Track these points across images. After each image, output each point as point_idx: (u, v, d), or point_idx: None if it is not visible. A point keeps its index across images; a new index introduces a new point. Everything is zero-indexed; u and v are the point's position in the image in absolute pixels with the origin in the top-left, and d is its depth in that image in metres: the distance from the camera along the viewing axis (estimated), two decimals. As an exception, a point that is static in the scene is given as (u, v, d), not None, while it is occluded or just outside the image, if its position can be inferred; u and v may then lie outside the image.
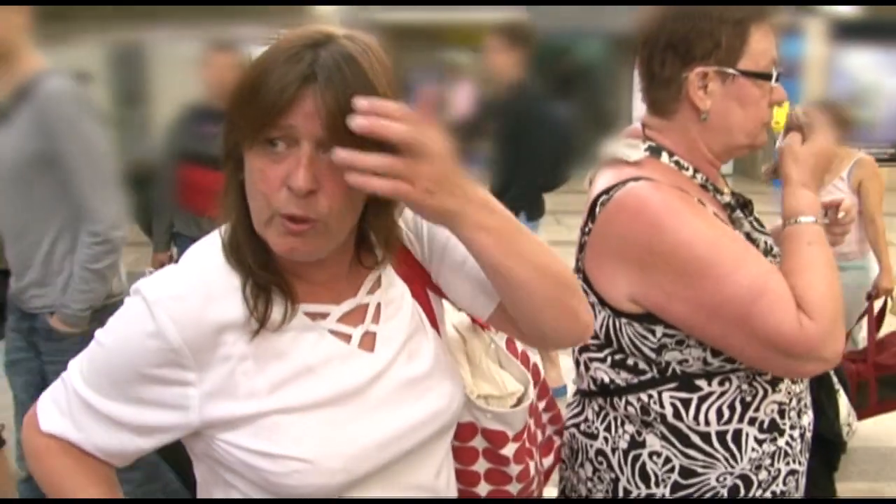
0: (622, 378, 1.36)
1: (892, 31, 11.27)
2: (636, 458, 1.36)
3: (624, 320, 1.32)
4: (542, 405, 1.32)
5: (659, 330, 1.30)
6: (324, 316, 1.02)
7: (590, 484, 1.42)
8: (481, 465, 1.20)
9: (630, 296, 1.30)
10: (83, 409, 1.02)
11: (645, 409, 1.35)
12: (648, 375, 1.34)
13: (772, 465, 1.36)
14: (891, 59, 11.79)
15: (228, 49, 3.64)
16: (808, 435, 1.43)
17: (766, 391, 1.34)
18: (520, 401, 1.25)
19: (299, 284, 1.00)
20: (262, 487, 1.00)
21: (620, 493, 1.37)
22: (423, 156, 0.84)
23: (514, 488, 1.22)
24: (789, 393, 1.38)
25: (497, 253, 0.94)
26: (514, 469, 1.20)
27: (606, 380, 1.38)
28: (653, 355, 1.32)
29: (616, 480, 1.37)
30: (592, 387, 1.41)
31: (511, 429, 1.20)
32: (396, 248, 1.08)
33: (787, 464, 1.38)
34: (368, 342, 1.04)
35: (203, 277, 0.98)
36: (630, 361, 1.35)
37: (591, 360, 1.40)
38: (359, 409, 1.01)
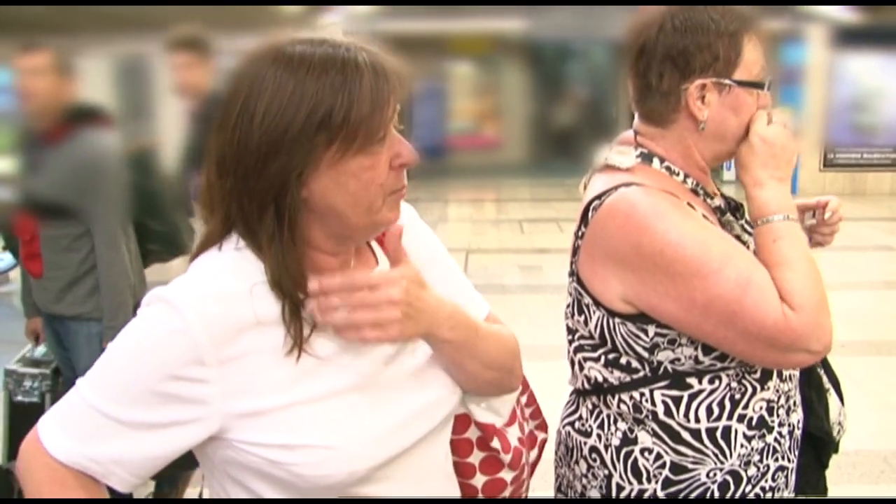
0: (615, 377, 1.39)
1: (893, 37, 11.29)
2: (628, 454, 1.39)
3: (617, 320, 1.35)
4: (523, 399, 1.36)
5: (651, 329, 1.33)
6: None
7: (584, 480, 1.45)
8: (476, 457, 1.24)
9: (623, 296, 1.33)
10: (99, 422, 1.00)
11: (637, 407, 1.38)
12: (641, 374, 1.37)
13: (761, 461, 1.39)
14: (892, 64, 11.81)
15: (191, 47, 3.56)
16: (798, 432, 1.46)
17: (754, 389, 1.37)
18: None
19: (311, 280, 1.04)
20: (288, 485, 1.02)
21: (613, 489, 1.40)
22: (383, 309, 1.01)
23: (507, 475, 1.25)
24: (778, 391, 1.41)
25: (456, 356, 1.12)
26: (506, 457, 1.24)
27: (600, 378, 1.41)
28: (646, 354, 1.35)
29: (609, 477, 1.40)
30: (586, 385, 1.45)
31: (501, 418, 1.25)
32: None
33: (776, 460, 1.41)
34: None
35: (219, 279, 1.02)
36: (623, 360, 1.38)
37: (586, 359, 1.43)
38: (375, 396, 1.06)
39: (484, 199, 12.46)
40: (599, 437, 1.43)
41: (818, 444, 1.54)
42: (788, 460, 1.44)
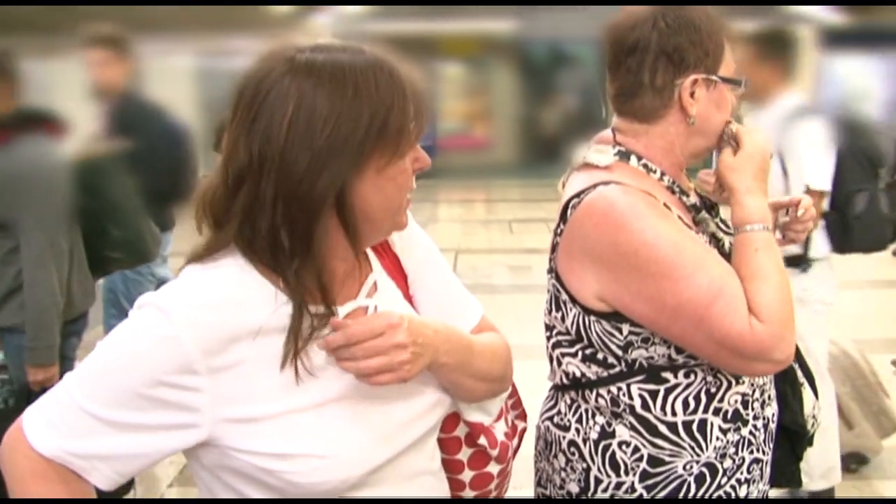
0: (593, 371, 1.42)
1: (880, 38, 11.38)
2: (606, 447, 1.41)
3: (593, 318, 1.38)
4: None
5: (625, 328, 1.36)
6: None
7: (563, 474, 1.47)
8: (464, 454, 1.25)
9: (598, 294, 1.36)
10: (84, 420, 0.99)
11: (615, 401, 1.40)
12: (617, 369, 1.39)
13: (736, 453, 1.42)
14: (879, 65, 11.91)
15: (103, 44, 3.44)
16: (773, 426, 1.49)
17: (729, 383, 1.40)
18: None
19: (307, 290, 1.03)
20: (280, 491, 1.03)
21: (592, 483, 1.42)
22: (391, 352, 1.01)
23: (494, 468, 1.27)
24: (752, 384, 1.44)
25: (452, 375, 1.13)
26: (493, 452, 1.26)
27: (578, 373, 1.44)
28: (620, 352, 1.38)
29: (587, 470, 1.43)
30: (565, 381, 1.47)
31: (490, 416, 1.26)
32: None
33: (752, 452, 1.44)
34: None
35: (215, 288, 1.02)
36: (600, 356, 1.40)
37: (564, 355, 1.46)
38: (366, 404, 1.06)
39: (473, 199, 12.49)
40: (578, 431, 1.44)
41: (793, 437, 1.56)
42: (763, 452, 1.46)
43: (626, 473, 1.40)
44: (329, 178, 0.97)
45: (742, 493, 1.43)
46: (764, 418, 1.46)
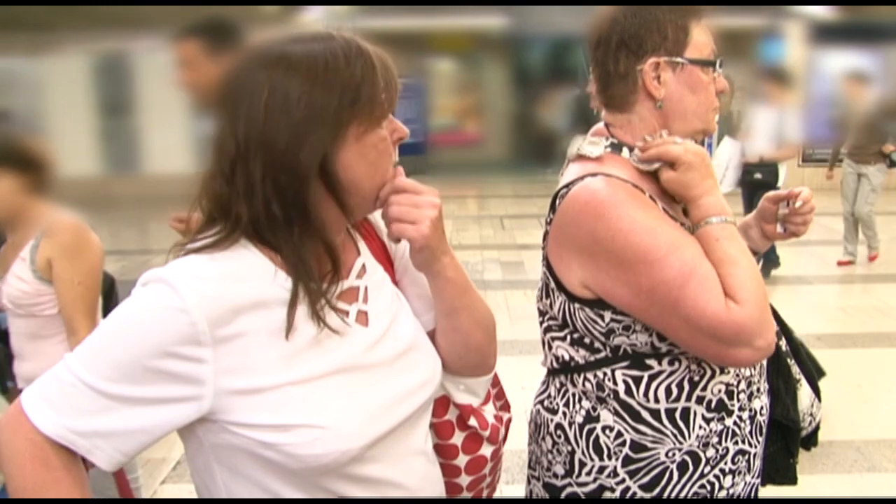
0: (581, 355, 1.45)
1: (870, 33, 11.40)
2: (590, 431, 1.45)
3: (577, 305, 1.42)
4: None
5: (607, 315, 1.39)
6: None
7: (550, 456, 1.50)
8: (458, 437, 1.29)
9: (582, 281, 1.39)
10: (87, 396, 1.01)
11: (600, 386, 1.43)
12: (603, 354, 1.43)
13: (719, 443, 1.43)
14: (869, 60, 11.93)
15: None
16: (762, 418, 1.50)
17: (713, 372, 1.42)
18: None
19: (306, 264, 1.09)
20: (280, 467, 1.05)
21: (576, 465, 1.45)
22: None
23: (487, 450, 1.32)
24: (738, 375, 1.45)
25: (454, 300, 1.22)
26: (485, 433, 1.31)
27: (567, 357, 1.48)
28: (603, 339, 1.41)
29: (572, 453, 1.46)
30: (555, 364, 1.51)
31: (478, 398, 1.31)
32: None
33: (736, 443, 1.45)
34: (362, 319, 1.16)
35: (217, 262, 1.06)
36: (587, 340, 1.44)
37: (554, 339, 1.50)
38: (363, 378, 1.11)
39: (465, 195, 12.50)
40: (565, 414, 1.48)
41: (787, 432, 1.57)
42: (750, 444, 1.48)
43: (609, 458, 1.42)
44: (311, 149, 1.04)
45: (726, 483, 1.45)
46: (751, 410, 1.47)
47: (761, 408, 1.50)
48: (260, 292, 1.05)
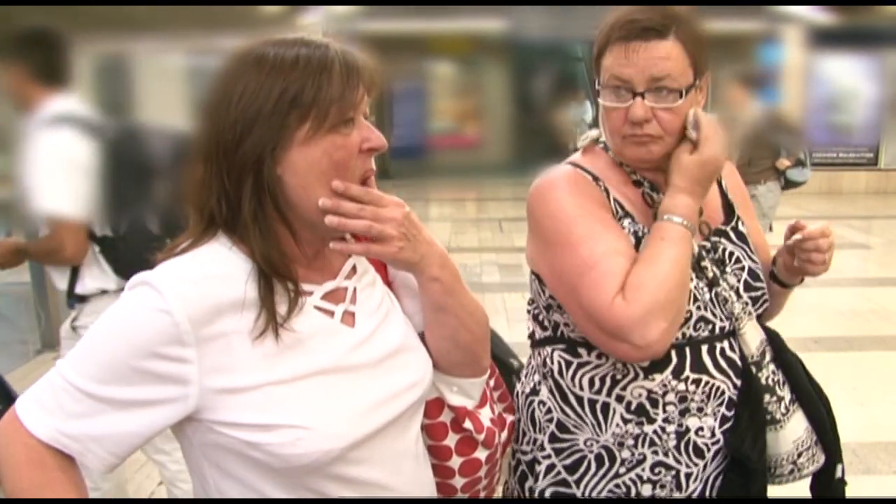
0: (538, 332, 1.55)
1: (868, 38, 11.42)
2: (530, 403, 1.53)
3: (533, 276, 1.52)
4: (491, 382, 1.40)
5: (547, 290, 1.48)
6: (308, 293, 1.13)
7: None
8: (451, 439, 1.29)
9: (530, 255, 1.51)
10: (79, 400, 1.03)
11: (544, 363, 1.52)
12: (549, 333, 1.51)
13: (635, 447, 1.43)
14: (866, 64, 11.96)
15: None
16: (701, 440, 1.44)
17: (637, 375, 1.42)
18: None
19: (274, 264, 1.09)
20: (265, 466, 1.06)
21: (519, 434, 1.54)
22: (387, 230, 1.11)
23: (482, 454, 1.31)
24: (666, 386, 1.41)
25: (442, 297, 1.20)
26: (480, 436, 1.30)
27: (530, 330, 1.58)
28: (545, 313, 1.51)
29: (518, 421, 1.55)
30: (530, 339, 1.60)
31: (473, 400, 1.30)
32: None
33: (655, 453, 1.43)
34: (349, 319, 1.16)
35: (200, 263, 1.07)
36: (541, 316, 1.53)
37: (529, 312, 1.60)
38: (348, 378, 1.11)
39: (464, 198, 12.49)
40: (524, 385, 1.57)
41: (741, 468, 1.44)
42: (676, 461, 1.43)
43: (540, 431, 1.50)
44: (251, 144, 1.04)
45: (644, 491, 1.44)
46: (681, 425, 1.43)
47: (700, 429, 1.44)
48: (240, 293, 1.06)
